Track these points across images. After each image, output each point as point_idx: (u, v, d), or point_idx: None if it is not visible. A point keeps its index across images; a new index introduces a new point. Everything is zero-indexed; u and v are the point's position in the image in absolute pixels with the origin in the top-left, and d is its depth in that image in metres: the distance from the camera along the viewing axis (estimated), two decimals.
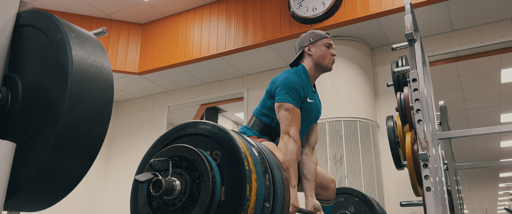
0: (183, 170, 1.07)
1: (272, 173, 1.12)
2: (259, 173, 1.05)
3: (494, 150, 9.59)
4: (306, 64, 2.24)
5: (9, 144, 1.07)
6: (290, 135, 1.98)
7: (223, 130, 1.09)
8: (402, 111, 2.75)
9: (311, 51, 2.22)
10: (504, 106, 6.85)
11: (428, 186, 2.00)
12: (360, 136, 4.07)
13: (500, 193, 15.27)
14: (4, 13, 1.25)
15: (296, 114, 2.02)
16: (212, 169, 1.03)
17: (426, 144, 2.09)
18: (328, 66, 2.24)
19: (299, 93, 2.06)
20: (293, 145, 1.97)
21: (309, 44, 2.24)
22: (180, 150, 1.08)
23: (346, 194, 2.74)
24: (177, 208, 1.04)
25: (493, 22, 4.19)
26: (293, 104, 2.02)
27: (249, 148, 1.09)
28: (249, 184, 1.01)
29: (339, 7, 4.12)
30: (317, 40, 2.24)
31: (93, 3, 4.85)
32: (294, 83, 2.06)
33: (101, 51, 1.24)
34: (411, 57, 2.43)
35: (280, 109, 2.03)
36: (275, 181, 1.12)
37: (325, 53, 2.22)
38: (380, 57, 4.71)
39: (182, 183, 1.05)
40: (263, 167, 1.09)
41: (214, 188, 1.02)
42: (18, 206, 1.14)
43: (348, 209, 2.71)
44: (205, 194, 1.01)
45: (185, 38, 5.06)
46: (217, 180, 1.03)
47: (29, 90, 1.17)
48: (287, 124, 1.99)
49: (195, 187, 1.04)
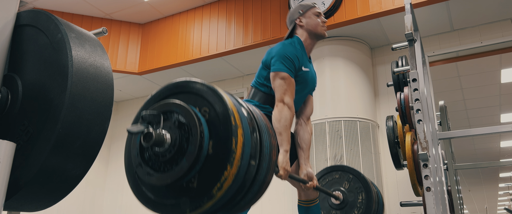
0: (173, 125, 1.13)
1: (259, 132, 1.18)
2: (246, 129, 1.11)
3: (494, 150, 9.59)
4: (300, 35, 2.29)
5: (9, 144, 1.07)
6: (284, 102, 2.03)
7: (211, 88, 1.15)
8: (402, 111, 2.75)
9: (303, 22, 2.29)
10: (504, 106, 6.85)
11: (428, 186, 2.00)
12: (360, 136, 4.07)
13: (500, 193, 15.27)
14: (4, 13, 1.25)
15: (291, 83, 2.08)
16: (200, 124, 1.09)
17: (426, 144, 2.09)
18: (321, 32, 2.30)
19: (294, 63, 2.11)
20: (287, 112, 2.02)
21: (299, 16, 2.31)
22: (171, 106, 1.14)
23: (341, 171, 2.80)
24: (167, 160, 1.11)
25: (493, 22, 4.19)
26: (288, 73, 2.07)
27: (238, 106, 1.15)
28: (235, 138, 1.06)
29: (339, 7, 4.12)
30: (306, 10, 2.31)
31: (93, 3, 4.85)
32: (289, 53, 2.11)
33: (101, 51, 1.24)
34: (411, 57, 2.43)
35: (275, 78, 2.07)
36: (262, 140, 1.18)
37: (316, 21, 2.29)
38: (380, 57, 4.71)
39: (172, 137, 1.11)
40: (251, 126, 1.15)
41: (201, 142, 1.07)
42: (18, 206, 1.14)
43: (343, 185, 2.76)
44: (193, 147, 1.07)
45: (185, 38, 5.06)
46: (205, 135, 1.09)
47: (29, 90, 1.17)
48: (282, 92, 2.04)
49: (184, 140, 1.10)
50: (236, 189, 1.10)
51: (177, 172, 1.07)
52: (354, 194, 2.72)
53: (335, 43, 4.47)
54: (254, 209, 2.02)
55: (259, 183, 1.17)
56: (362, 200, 2.68)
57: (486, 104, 6.73)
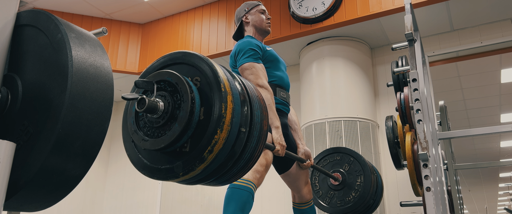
0: (166, 93, 1.19)
1: (250, 102, 1.23)
2: (236, 96, 1.16)
3: (494, 150, 9.59)
4: (248, 32, 2.43)
5: (9, 144, 1.07)
6: (259, 85, 2.09)
7: (203, 58, 1.20)
8: (402, 111, 2.75)
9: (248, 19, 2.43)
10: (504, 106, 6.85)
11: (428, 186, 2.00)
12: (360, 136, 4.07)
13: (500, 193, 15.28)
14: (4, 13, 1.25)
15: (259, 67, 2.16)
16: (192, 91, 1.14)
17: (426, 144, 2.09)
18: (266, 28, 2.43)
19: (255, 49, 2.20)
20: (266, 92, 2.08)
21: (245, 14, 2.45)
22: (164, 75, 1.20)
23: (342, 153, 2.85)
24: (160, 125, 1.17)
25: (493, 22, 4.19)
26: (249, 61, 2.15)
27: (229, 77, 1.20)
28: (225, 104, 1.12)
29: (339, 7, 4.12)
30: (251, 8, 2.46)
31: (93, 3, 4.85)
32: (247, 45, 2.20)
33: (101, 51, 1.24)
34: (411, 57, 2.43)
35: (243, 72, 2.15)
36: (253, 109, 1.23)
37: (261, 17, 2.43)
38: (380, 57, 4.71)
39: (165, 104, 1.17)
40: (242, 95, 1.20)
41: (193, 108, 1.13)
42: (18, 206, 1.14)
43: (343, 167, 2.81)
44: (185, 113, 1.12)
45: (185, 38, 5.06)
46: (196, 101, 1.14)
47: (29, 90, 1.17)
48: (254, 78, 2.11)
49: (176, 107, 1.15)
50: (227, 154, 1.15)
51: (170, 137, 1.13)
52: (353, 176, 2.77)
53: (335, 43, 4.47)
54: (255, 208, 2.02)
55: (250, 150, 1.22)
56: (360, 182, 2.73)
57: (486, 104, 6.73)
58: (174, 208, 5.33)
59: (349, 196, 2.74)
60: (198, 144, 1.12)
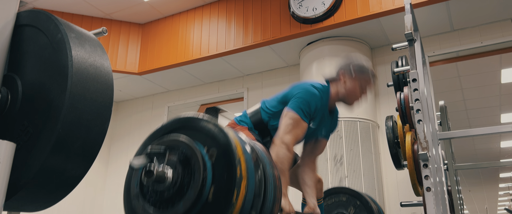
0: (177, 163, 1.09)
1: (265, 183, 1.12)
2: (251, 180, 1.05)
3: (494, 150, 9.59)
4: (333, 87, 2.14)
5: (9, 144, 1.07)
6: (283, 141, 1.89)
7: (223, 132, 1.09)
8: (402, 111, 2.75)
9: (346, 82, 2.10)
10: (504, 106, 6.85)
11: (428, 186, 2.00)
12: (360, 136, 4.07)
13: (500, 193, 15.26)
14: (4, 13, 1.25)
15: (300, 126, 1.94)
16: (205, 169, 1.04)
17: (426, 144, 2.09)
18: (350, 104, 2.14)
19: (311, 111, 1.99)
20: (285, 154, 1.88)
21: (348, 73, 2.11)
22: (179, 144, 1.11)
23: (348, 195, 2.72)
24: (165, 198, 1.07)
25: (493, 22, 4.19)
26: (300, 116, 1.95)
27: (247, 155, 1.08)
28: (238, 190, 1.01)
29: (339, 7, 4.12)
30: (359, 73, 2.09)
31: (93, 3, 4.85)
32: (312, 101, 1.99)
33: (101, 51, 1.24)
34: (411, 57, 2.43)
35: (286, 115, 1.96)
36: (267, 192, 1.12)
37: (356, 92, 2.09)
38: (380, 57, 4.71)
39: (174, 175, 1.07)
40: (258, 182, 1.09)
41: (202, 188, 1.03)
42: (18, 206, 1.14)
43: (348, 210, 2.70)
44: (192, 192, 1.03)
45: (185, 38, 5.06)
46: (208, 181, 1.04)
47: (29, 90, 1.17)
48: (285, 131, 1.91)
49: (185, 183, 1.06)
50: None
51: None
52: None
53: (335, 43, 4.47)
54: None
55: None
56: None
57: (486, 104, 6.73)
58: None
59: None
60: None
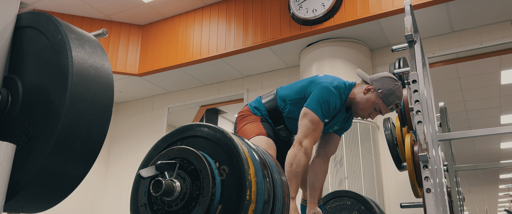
0: (187, 175, 1.07)
1: (273, 205, 1.10)
2: (259, 203, 1.03)
3: (494, 152, 9.59)
4: (356, 92, 2.13)
5: (9, 146, 1.07)
6: (302, 145, 1.92)
7: (238, 149, 1.05)
8: (401, 113, 2.75)
9: (368, 94, 2.08)
10: (504, 108, 6.85)
11: (428, 187, 2.00)
12: (360, 137, 4.07)
13: (500, 194, 15.27)
14: (4, 14, 1.25)
15: (318, 128, 1.96)
16: (214, 185, 1.02)
17: (426, 145, 2.09)
18: (361, 116, 2.15)
19: (329, 111, 1.99)
20: (302, 156, 1.91)
21: (375, 89, 2.07)
22: (189, 154, 1.07)
23: (353, 199, 2.72)
24: (172, 211, 1.05)
25: (493, 24, 4.19)
26: (319, 118, 1.95)
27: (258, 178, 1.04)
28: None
29: (339, 9, 4.13)
30: (384, 93, 2.06)
31: (93, 4, 4.86)
32: (332, 100, 1.99)
33: (101, 52, 1.24)
34: (411, 58, 2.43)
35: (305, 116, 1.96)
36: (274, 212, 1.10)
37: (371, 107, 2.08)
38: (380, 58, 4.71)
39: (183, 188, 1.05)
40: (266, 196, 1.06)
41: (210, 205, 1.01)
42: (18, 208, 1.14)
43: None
44: (200, 209, 1.01)
45: (185, 39, 5.06)
46: (216, 198, 1.02)
47: (30, 92, 1.17)
48: (305, 134, 1.93)
49: (193, 197, 1.04)
50: None
51: None
52: None
53: (335, 45, 4.47)
54: None
55: None
56: None
57: (486, 106, 6.73)
58: None
59: None
60: None
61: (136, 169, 1.23)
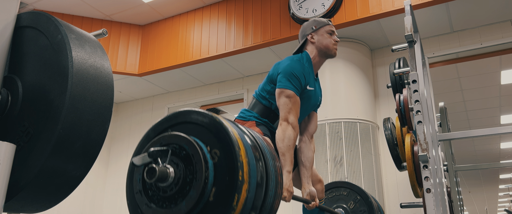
0: (179, 161, 1.08)
1: (266, 184, 1.12)
2: (253, 185, 1.06)
3: (494, 152, 9.59)
4: (310, 51, 2.25)
5: (9, 146, 1.07)
6: (288, 121, 2.00)
7: (228, 131, 1.08)
8: (401, 113, 2.75)
9: (314, 39, 2.25)
10: (504, 108, 6.85)
11: (428, 187, 2.00)
12: (360, 137, 4.07)
13: (500, 194, 15.27)
14: (4, 14, 1.25)
15: (296, 101, 2.04)
16: (207, 169, 1.04)
17: (426, 145, 2.09)
18: (332, 52, 2.27)
19: (300, 81, 2.08)
20: (291, 131, 1.99)
21: (311, 32, 2.26)
22: (181, 141, 1.09)
23: (350, 190, 2.78)
24: (167, 196, 1.07)
25: (493, 24, 4.19)
26: (293, 92, 2.03)
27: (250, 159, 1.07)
28: (238, 195, 1.02)
29: (339, 9, 4.13)
30: (320, 27, 2.26)
31: (93, 4, 4.86)
32: (296, 71, 2.07)
33: (101, 52, 1.24)
34: (411, 58, 2.43)
35: (280, 95, 2.04)
36: (268, 190, 1.12)
37: (328, 40, 2.25)
38: (380, 58, 4.71)
39: (177, 174, 1.07)
40: (259, 182, 1.09)
41: (204, 188, 1.03)
42: (18, 208, 1.14)
43: (348, 205, 2.74)
44: (195, 192, 1.03)
45: (185, 39, 5.06)
46: (209, 182, 1.04)
47: (30, 92, 1.17)
48: (287, 111, 2.01)
49: (187, 181, 1.06)
50: None
51: (175, 213, 1.04)
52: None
53: None
54: None
55: None
56: None
57: (486, 106, 6.73)
58: None
59: None
60: None
61: None
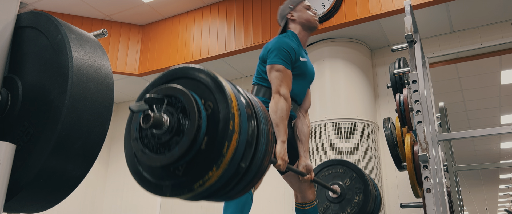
0: (174, 110, 1.15)
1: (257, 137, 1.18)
2: (243, 135, 1.12)
3: (494, 152, 9.59)
4: (293, 29, 2.34)
5: (9, 146, 1.07)
6: (280, 94, 2.05)
7: (221, 86, 1.15)
8: (401, 113, 2.75)
9: (294, 16, 2.34)
10: (504, 108, 6.85)
11: (428, 187, 2.00)
12: (360, 137, 4.07)
13: (500, 194, 15.27)
14: (4, 14, 1.25)
15: (287, 74, 2.10)
16: (200, 118, 1.10)
17: (426, 145, 2.09)
18: (313, 24, 2.35)
19: (290, 54, 2.14)
20: (283, 103, 2.04)
21: (290, 10, 2.36)
22: (176, 92, 1.15)
23: (346, 167, 2.83)
24: (161, 143, 1.13)
25: (493, 24, 4.19)
26: (283, 65, 2.09)
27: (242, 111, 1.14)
28: (228, 143, 1.08)
29: (339, 9, 4.13)
30: (297, 5, 2.37)
31: (93, 4, 4.86)
32: (285, 45, 2.14)
33: (101, 52, 1.24)
34: (411, 58, 2.43)
35: (271, 70, 2.11)
36: (259, 145, 1.18)
37: (307, 13, 2.34)
38: (380, 58, 4.71)
39: (171, 122, 1.13)
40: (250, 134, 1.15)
41: (196, 136, 1.09)
42: (18, 208, 1.14)
43: (344, 182, 2.79)
44: (187, 139, 1.09)
45: (185, 39, 5.06)
46: (202, 130, 1.10)
47: (30, 92, 1.17)
48: (278, 84, 2.07)
49: (181, 129, 1.12)
50: (218, 187, 1.13)
51: (167, 158, 1.10)
52: (352, 193, 2.75)
53: (335, 45, 4.47)
54: (254, 209, 2.03)
55: (245, 183, 1.19)
56: (358, 201, 2.70)
57: (486, 106, 6.73)
58: (174, 209, 5.33)
59: (344, 212, 2.70)
60: (191, 173, 1.10)
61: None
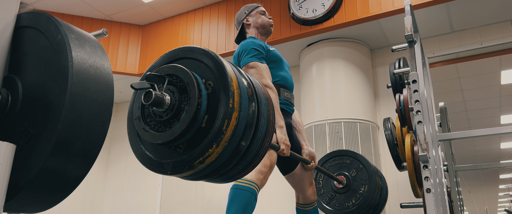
0: (176, 89, 1.17)
1: (258, 117, 1.19)
2: (243, 113, 1.13)
3: (494, 152, 9.59)
4: (250, 33, 2.43)
5: (9, 146, 1.07)
6: (265, 85, 2.08)
7: (221, 65, 1.16)
8: (401, 113, 2.75)
9: (249, 20, 2.44)
10: (504, 108, 6.85)
11: (428, 187, 2.00)
12: (360, 137, 4.07)
13: (500, 194, 15.27)
14: (4, 14, 1.25)
15: (263, 67, 2.14)
16: (200, 96, 1.12)
17: (426, 145, 2.09)
18: (268, 28, 2.45)
19: (259, 49, 2.19)
20: (271, 92, 2.07)
21: (245, 16, 2.46)
22: (177, 71, 1.18)
23: (353, 158, 2.85)
24: (163, 121, 1.16)
25: (493, 24, 4.19)
26: (255, 61, 2.14)
27: (242, 90, 1.15)
28: (228, 120, 1.09)
29: (339, 9, 4.13)
30: (251, 10, 2.47)
31: (93, 4, 4.86)
32: (251, 45, 2.20)
33: (101, 52, 1.24)
34: (411, 58, 2.43)
35: (247, 70, 2.14)
36: (259, 125, 1.19)
37: (262, 18, 2.45)
38: (380, 58, 4.71)
39: (172, 100, 1.15)
40: (250, 113, 1.16)
41: (197, 113, 1.11)
42: (18, 208, 1.14)
43: (350, 172, 2.81)
44: (188, 116, 1.11)
45: (185, 39, 5.06)
46: (202, 108, 1.12)
47: (29, 92, 1.17)
48: (259, 78, 2.10)
49: (182, 107, 1.14)
50: (219, 165, 1.14)
51: (168, 135, 1.13)
52: (358, 184, 2.77)
53: (335, 45, 4.47)
54: (255, 210, 2.02)
55: (245, 163, 1.21)
56: (363, 192, 2.72)
57: (486, 106, 6.73)
58: (174, 209, 5.33)
59: (349, 202, 2.73)
60: (192, 151, 1.11)
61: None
